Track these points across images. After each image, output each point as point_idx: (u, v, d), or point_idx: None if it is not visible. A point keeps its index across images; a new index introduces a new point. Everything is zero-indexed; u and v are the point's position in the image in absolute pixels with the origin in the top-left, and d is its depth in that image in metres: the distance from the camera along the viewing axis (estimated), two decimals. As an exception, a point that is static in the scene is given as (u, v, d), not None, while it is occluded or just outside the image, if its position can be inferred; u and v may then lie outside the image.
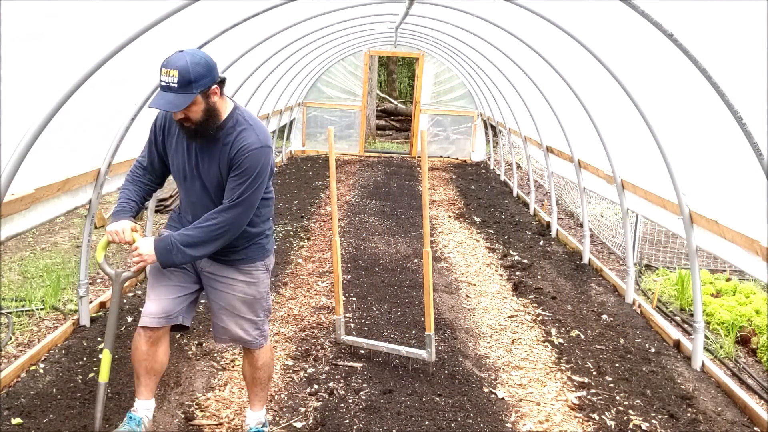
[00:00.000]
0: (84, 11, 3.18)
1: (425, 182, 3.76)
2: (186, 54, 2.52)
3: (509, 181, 10.99)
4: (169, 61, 2.51)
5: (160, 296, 2.84)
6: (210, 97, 2.58)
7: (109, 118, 4.22)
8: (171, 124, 2.77)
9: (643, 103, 4.50)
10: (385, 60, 22.50)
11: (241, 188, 2.64)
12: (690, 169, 4.30)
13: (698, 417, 3.60)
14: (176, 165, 2.79)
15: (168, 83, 2.48)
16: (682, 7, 3.34)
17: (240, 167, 2.63)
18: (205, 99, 2.57)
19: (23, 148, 3.11)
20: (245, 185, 2.64)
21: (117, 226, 2.75)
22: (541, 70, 6.54)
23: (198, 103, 2.54)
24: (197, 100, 2.53)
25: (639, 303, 5.34)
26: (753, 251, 3.55)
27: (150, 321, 2.82)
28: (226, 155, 2.66)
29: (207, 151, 2.70)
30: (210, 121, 2.61)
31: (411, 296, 5.36)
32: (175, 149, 2.78)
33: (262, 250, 2.95)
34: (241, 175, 2.63)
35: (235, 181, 2.65)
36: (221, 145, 2.67)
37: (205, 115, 2.58)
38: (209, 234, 2.65)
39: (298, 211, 8.42)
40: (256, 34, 5.83)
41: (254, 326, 2.98)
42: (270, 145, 2.72)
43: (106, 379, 2.75)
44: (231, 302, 2.90)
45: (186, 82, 2.48)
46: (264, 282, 2.98)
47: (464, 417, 3.49)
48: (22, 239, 6.79)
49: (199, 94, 2.52)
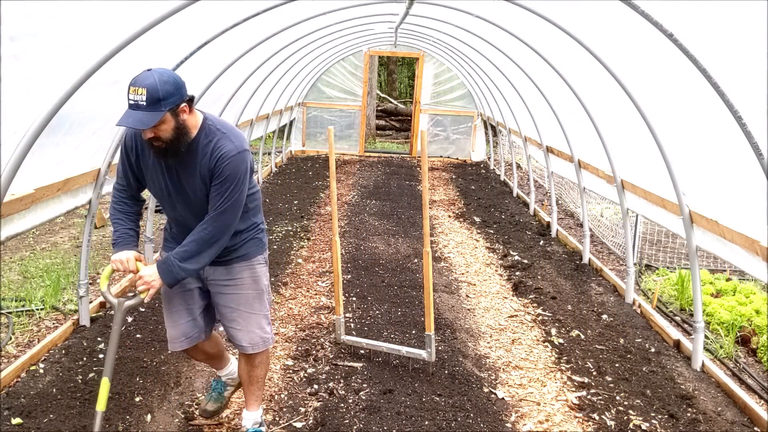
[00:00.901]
0: (85, 11, 3.18)
1: (425, 182, 3.76)
2: (154, 72, 2.52)
3: (509, 181, 10.99)
4: (136, 79, 2.50)
5: (176, 322, 2.99)
6: (179, 114, 2.58)
7: (109, 118, 4.22)
8: (142, 144, 2.75)
9: (643, 103, 4.50)
10: (385, 60, 22.50)
11: (225, 195, 2.67)
12: (690, 169, 4.30)
13: (698, 417, 3.60)
14: (156, 183, 2.80)
15: (136, 101, 2.47)
16: (682, 7, 3.34)
17: (221, 175, 2.66)
18: (174, 117, 2.56)
19: (23, 148, 3.11)
20: (229, 191, 2.67)
21: (121, 256, 2.79)
22: (541, 70, 6.54)
23: (167, 122, 2.54)
24: (166, 118, 2.53)
25: (639, 303, 5.34)
26: (753, 251, 3.55)
27: (174, 346, 3.03)
28: (207, 166, 2.68)
29: (185, 165, 2.70)
30: (180, 139, 2.61)
31: (411, 296, 5.36)
32: (153, 168, 2.77)
33: (260, 243, 3.01)
34: (224, 182, 2.66)
35: (218, 189, 2.68)
36: (199, 157, 2.68)
37: (174, 133, 2.58)
38: (203, 244, 2.70)
39: (298, 211, 8.42)
40: (256, 34, 5.83)
41: (267, 321, 3.06)
42: (247, 148, 2.74)
43: (104, 408, 2.73)
44: (243, 301, 2.96)
45: (154, 100, 2.47)
46: (266, 275, 3.07)
47: (464, 417, 3.49)
48: (22, 239, 6.79)
49: (168, 111, 2.52)
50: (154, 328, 4.42)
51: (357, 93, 13.77)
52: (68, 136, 3.75)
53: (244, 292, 2.96)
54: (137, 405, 3.44)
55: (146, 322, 4.51)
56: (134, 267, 2.78)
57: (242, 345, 3.01)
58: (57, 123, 3.38)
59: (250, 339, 3.00)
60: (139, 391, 3.57)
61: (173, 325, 2.98)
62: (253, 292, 2.99)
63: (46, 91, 3.18)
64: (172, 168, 2.72)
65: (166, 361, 3.97)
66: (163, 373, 3.80)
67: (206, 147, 2.67)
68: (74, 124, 3.74)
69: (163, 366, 3.89)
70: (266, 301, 3.06)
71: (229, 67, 5.82)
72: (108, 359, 2.74)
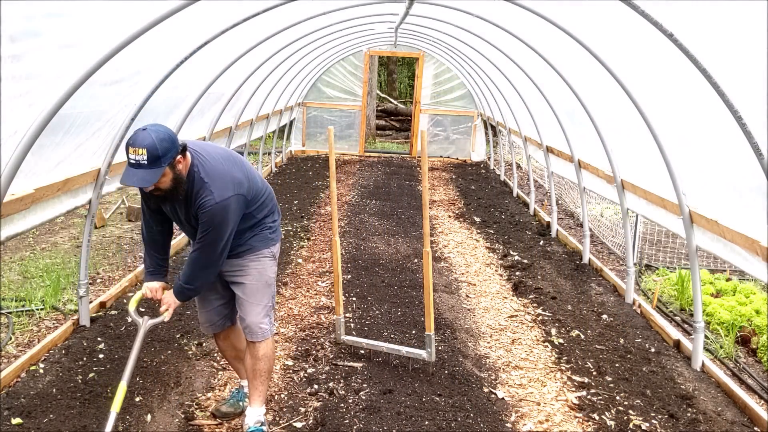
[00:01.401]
0: (85, 11, 3.18)
1: (425, 182, 3.76)
2: (150, 132, 2.71)
3: (509, 181, 10.99)
4: (135, 140, 2.70)
5: (202, 309, 3.35)
6: (176, 166, 2.81)
7: (109, 118, 4.22)
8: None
9: (643, 103, 4.50)
10: (385, 60, 22.50)
11: (205, 234, 2.92)
12: (690, 169, 4.30)
13: (698, 417, 3.60)
14: (170, 215, 3.15)
15: (138, 161, 2.68)
16: (682, 7, 3.34)
17: (202, 220, 2.91)
18: (172, 169, 2.80)
19: (23, 148, 3.11)
20: (209, 233, 2.92)
21: (154, 285, 3.17)
22: (541, 70, 6.54)
23: (166, 174, 2.77)
24: (166, 172, 2.76)
25: (639, 303, 5.34)
26: (753, 251, 3.54)
27: (204, 329, 3.42)
28: (192, 208, 2.96)
29: (182, 204, 3.00)
30: (178, 188, 2.86)
31: (411, 296, 5.36)
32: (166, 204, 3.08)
33: (266, 239, 3.21)
34: (204, 225, 2.91)
35: (201, 228, 2.93)
36: (190, 201, 2.95)
37: (173, 183, 2.82)
38: (195, 267, 3.00)
39: (298, 211, 8.42)
40: (256, 34, 5.82)
41: (266, 313, 3.21)
42: (228, 195, 2.90)
43: (118, 410, 2.90)
44: (247, 290, 3.16)
45: (154, 158, 2.69)
46: (272, 268, 3.24)
47: (464, 417, 3.49)
48: (22, 239, 6.79)
49: (167, 166, 2.75)
50: (154, 328, 4.41)
51: (357, 93, 13.77)
52: (68, 136, 3.75)
53: (248, 282, 3.16)
54: (137, 405, 3.44)
55: (146, 322, 4.51)
56: (161, 296, 3.17)
57: (245, 332, 3.22)
58: (57, 123, 3.38)
59: (250, 327, 3.17)
60: (139, 391, 3.57)
61: (201, 312, 3.36)
62: (257, 283, 3.17)
63: (46, 91, 3.17)
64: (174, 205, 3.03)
65: (166, 361, 3.97)
66: (163, 373, 3.80)
67: (192, 195, 2.92)
68: (74, 124, 3.74)
69: (163, 366, 3.89)
70: (269, 294, 3.22)
71: (229, 67, 5.81)
72: (128, 367, 2.95)
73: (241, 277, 3.17)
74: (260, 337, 3.18)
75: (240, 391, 3.53)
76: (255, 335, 3.17)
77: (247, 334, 3.20)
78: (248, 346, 3.23)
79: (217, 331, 3.37)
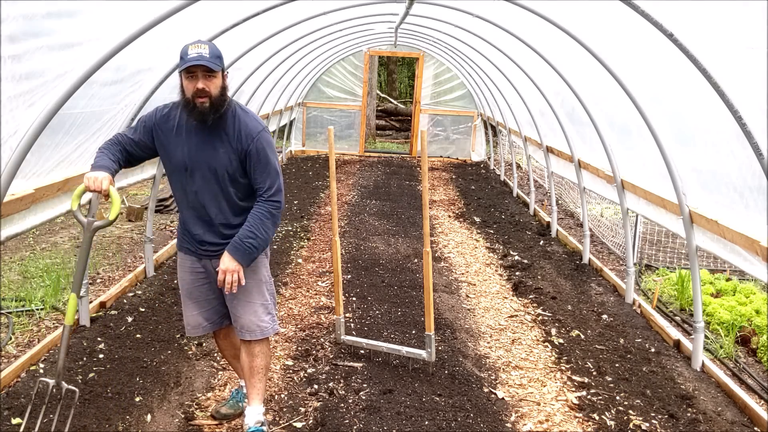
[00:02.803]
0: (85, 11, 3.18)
1: (425, 182, 3.76)
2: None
3: (509, 181, 10.99)
4: (191, 43, 2.76)
5: (197, 311, 3.18)
6: (224, 79, 2.86)
7: (109, 118, 4.22)
8: (165, 122, 2.96)
9: (643, 103, 4.50)
10: (385, 60, 22.50)
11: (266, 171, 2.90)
12: (690, 169, 4.30)
13: (698, 417, 3.60)
14: (176, 158, 2.95)
15: (200, 53, 2.73)
16: (682, 7, 3.34)
17: (258, 148, 2.88)
18: (222, 79, 2.84)
19: (23, 148, 3.11)
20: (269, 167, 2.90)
21: (97, 174, 2.78)
22: (541, 70, 6.54)
23: (219, 78, 2.81)
24: (218, 75, 2.80)
25: (639, 303, 5.34)
26: (753, 251, 3.54)
27: (191, 332, 3.25)
28: (236, 143, 2.88)
29: (209, 139, 2.90)
30: (221, 101, 2.83)
31: (411, 296, 5.36)
32: (174, 143, 2.94)
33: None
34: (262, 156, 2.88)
35: (260, 165, 2.89)
36: (223, 133, 2.89)
37: (220, 93, 2.81)
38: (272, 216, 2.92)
39: (298, 211, 8.42)
40: (256, 34, 5.83)
41: (266, 310, 3.13)
42: (266, 127, 3.00)
43: (71, 323, 2.89)
44: (241, 290, 3.01)
45: (215, 56, 2.77)
46: (266, 265, 3.16)
47: (464, 417, 3.49)
48: (22, 239, 6.79)
49: (221, 71, 2.82)
50: (154, 328, 4.42)
51: (357, 93, 13.77)
52: (68, 136, 3.75)
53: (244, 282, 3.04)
54: (137, 405, 3.44)
55: (146, 323, 4.51)
56: (106, 188, 2.74)
57: (240, 332, 3.12)
58: (57, 123, 3.38)
59: (248, 326, 3.09)
60: (139, 391, 3.57)
61: (195, 314, 3.17)
62: (252, 281, 3.06)
63: (46, 91, 3.17)
64: (193, 143, 2.90)
65: (166, 361, 3.97)
66: (163, 373, 3.80)
67: (232, 125, 2.89)
68: (74, 124, 3.74)
69: (163, 366, 3.89)
70: (266, 292, 3.14)
71: (228, 67, 5.81)
72: (76, 276, 2.90)
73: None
74: (258, 335, 3.09)
75: (239, 391, 3.50)
76: (253, 334, 3.09)
77: (243, 334, 3.11)
78: (243, 345, 3.15)
79: (216, 329, 3.28)
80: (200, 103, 2.79)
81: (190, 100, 2.80)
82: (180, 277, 3.19)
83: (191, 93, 2.79)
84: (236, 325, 3.14)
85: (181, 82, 2.83)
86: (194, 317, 3.19)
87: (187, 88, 2.80)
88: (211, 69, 2.74)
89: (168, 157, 2.98)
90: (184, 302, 3.21)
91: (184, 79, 2.80)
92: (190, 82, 2.78)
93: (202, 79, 2.75)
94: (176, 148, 2.93)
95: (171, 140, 2.94)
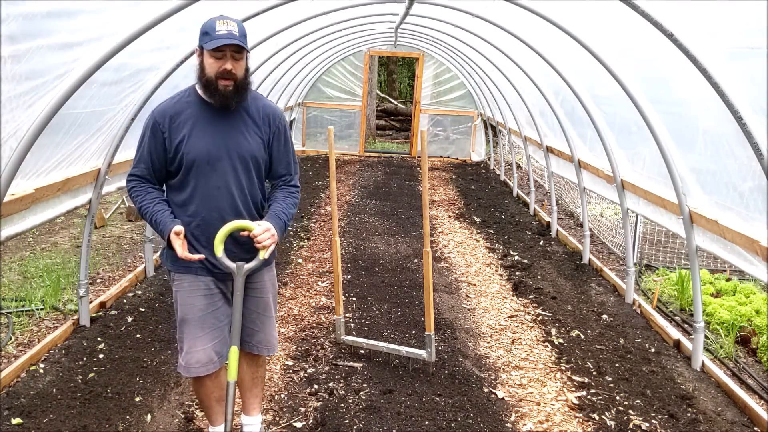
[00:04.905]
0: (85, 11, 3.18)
1: (425, 182, 3.76)
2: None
3: (509, 181, 10.99)
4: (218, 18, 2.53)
5: (205, 345, 2.69)
6: (248, 61, 2.63)
7: (109, 118, 4.22)
8: (176, 116, 2.62)
9: (643, 103, 4.50)
10: (385, 60, 22.50)
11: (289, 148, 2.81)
12: (690, 169, 4.30)
13: (698, 417, 3.60)
14: (196, 150, 2.59)
15: (231, 31, 2.48)
16: (682, 6, 3.34)
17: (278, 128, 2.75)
18: (247, 61, 2.61)
19: (23, 147, 3.11)
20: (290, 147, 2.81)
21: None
22: (541, 70, 6.54)
23: (244, 60, 2.58)
24: (245, 56, 2.58)
25: (639, 303, 5.34)
26: (753, 251, 3.54)
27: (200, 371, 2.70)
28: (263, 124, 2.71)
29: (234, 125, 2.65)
30: (246, 84, 2.61)
31: (411, 296, 5.36)
32: (192, 135, 2.60)
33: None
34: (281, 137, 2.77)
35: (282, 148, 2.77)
36: (246, 116, 2.69)
37: (244, 75, 2.59)
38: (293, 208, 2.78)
39: (298, 211, 8.42)
40: (256, 34, 5.82)
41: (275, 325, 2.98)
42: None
43: (235, 378, 2.59)
44: (263, 305, 2.86)
45: (243, 35, 2.53)
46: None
47: (464, 417, 3.49)
48: (22, 239, 6.79)
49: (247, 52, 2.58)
50: (154, 328, 4.42)
51: (357, 93, 13.77)
52: (68, 136, 3.75)
53: (264, 296, 2.86)
54: (137, 405, 3.44)
55: (146, 322, 4.51)
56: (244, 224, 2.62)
57: (257, 347, 2.89)
58: (57, 123, 3.38)
59: (267, 341, 2.91)
60: (139, 391, 3.57)
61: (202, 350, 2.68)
62: (272, 296, 2.90)
63: (46, 91, 3.17)
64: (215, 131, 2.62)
65: (166, 361, 3.97)
66: (163, 373, 3.80)
67: (251, 108, 2.70)
68: (74, 124, 3.74)
69: (163, 366, 3.89)
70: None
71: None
72: (234, 328, 2.57)
73: (258, 290, 2.82)
74: (274, 350, 2.92)
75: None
76: (272, 349, 2.91)
77: (261, 349, 2.88)
78: (248, 358, 2.94)
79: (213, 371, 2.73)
80: (224, 86, 2.52)
81: (213, 80, 2.52)
82: (188, 303, 2.68)
83: (215, 72, 2.51)
84: (252, 341, 2.87)
85: (202, 60, 2.55)
86: (206, 352, 2.68)
87: (211, 67, 2.51)
88: (241, 48, 2.50)
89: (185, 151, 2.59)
90: (190, 334, 2.68)
91: (209, 57, 2.51)
92: (216, 61, 2.49)
93: (230, 59, 2.49)
94: (196, 141, 2.59)
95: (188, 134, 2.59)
